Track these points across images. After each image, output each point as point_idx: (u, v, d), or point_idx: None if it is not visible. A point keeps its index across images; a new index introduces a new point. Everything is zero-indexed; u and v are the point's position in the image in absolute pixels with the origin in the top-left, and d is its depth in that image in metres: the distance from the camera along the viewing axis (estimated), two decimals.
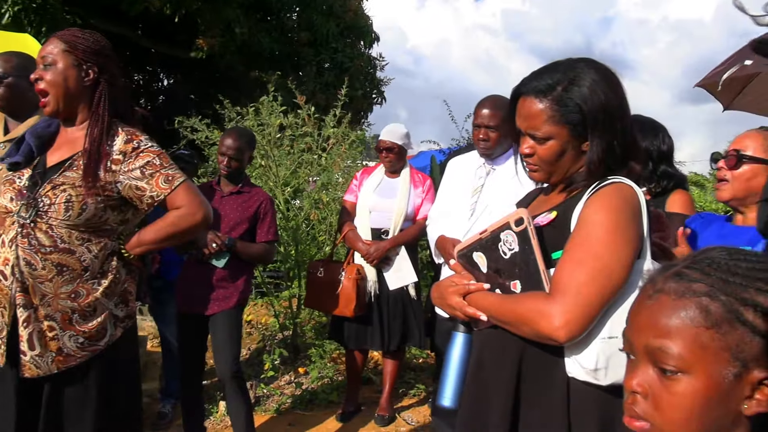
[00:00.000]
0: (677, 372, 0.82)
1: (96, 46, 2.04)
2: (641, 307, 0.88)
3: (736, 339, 0.79)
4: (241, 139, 3.46)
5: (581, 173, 1.52)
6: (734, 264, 0.84)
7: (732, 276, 0.82)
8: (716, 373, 0.80)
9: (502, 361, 1.50)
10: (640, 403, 0.85)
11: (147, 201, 2.01)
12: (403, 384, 4.67)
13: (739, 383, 0.80)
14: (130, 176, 1.98)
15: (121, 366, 2.08)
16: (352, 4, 12.16)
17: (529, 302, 1.41)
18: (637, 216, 1.43)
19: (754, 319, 0.79)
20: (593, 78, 1.48)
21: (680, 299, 0.83)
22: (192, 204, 2.03)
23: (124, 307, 2.07)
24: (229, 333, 3.32)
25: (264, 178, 5.41)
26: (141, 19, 9.91)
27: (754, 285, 0.81)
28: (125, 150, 1.99)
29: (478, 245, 1.57)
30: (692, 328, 0.81)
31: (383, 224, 3.88)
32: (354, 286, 3.73)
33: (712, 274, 0.83)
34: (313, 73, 11.47)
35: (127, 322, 2.08)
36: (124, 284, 2.07)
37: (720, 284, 0.82)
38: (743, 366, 0.79)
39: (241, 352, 5.34)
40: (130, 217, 2.08)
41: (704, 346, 0.80)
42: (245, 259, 3.38)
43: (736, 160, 1.92)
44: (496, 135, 3.08)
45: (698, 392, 0.80)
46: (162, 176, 2.00)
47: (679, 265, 0.88)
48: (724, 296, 0.81)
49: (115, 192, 1.98)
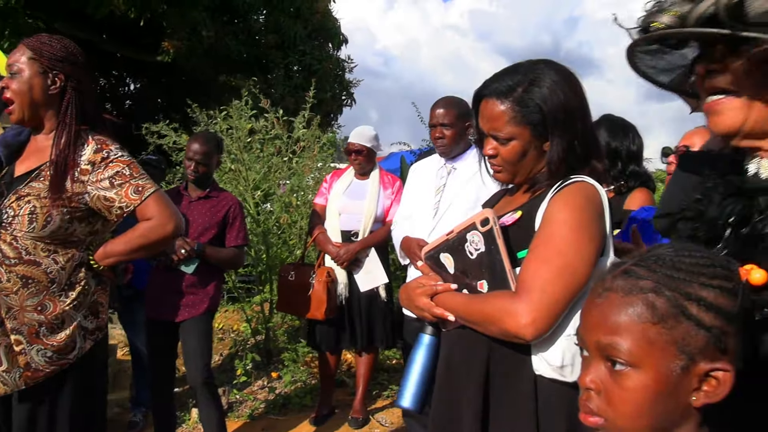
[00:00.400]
0: (627, 367, 0.84)
1: (63, 52, 1.99)
2: (592, 305, 0.90)
3: (681, 333, 0.82)
4: (209, 143, 3.44)
5: (544, 173, 1.54)
6: (679, 260, 0.86)
7: (677, 272, 0.84)
8: (664, 367, 0.82)
9: (471, 361, 1.51)
10: (593, 399, 0.87)
11: (116, 212, 1.96)
12: (377, 386, 4.68)
13: (686, 376, 0.82)
14: (99, 187, 1.93)
15: (91, 379, 2.04)
16: (319, 6, 12.14)
17: (495, 301, 1.43)
18: (599, 214, 1.45)
19: (699, 312, 0.82)
20: (553, 79, 1.50)
21: (628, 296, 0.85)
22: (162, 215, 1.99)
23: (94, 319, 2.03)
24: (199, 339, 3.29)
25: (234, 182, 5.38)
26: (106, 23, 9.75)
27: (697, 280, 0.83)
28: (94, 160, 1.94)
29: (445, 246, 1.58)
30: (639, 324, 0.83)
31: (353, 226, 3.88)
32: (325, 288, 3.73)
33: (657, 271, 0.85)
34: (281, 76, 11.43)
35: (97, 334, 2.04)
36: (94, 296, 2.02)
37: (665, 280, 0.84)
38: (690, 359, 0.82)
39: (213, 358, 5.31)
40: (100, 228, 2.04)
41: (652, 341, 0.82)
42: (215, 264, 3.36)
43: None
44: (451, 132, 3.15)
45: (648, 386, 0.82)
46: (132, 187, 1.96)
47: (627, 263, 0.90)
48: (669, 292, 0.83)
49: (82, 203, 1.94)
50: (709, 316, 0.81)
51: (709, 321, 0.81)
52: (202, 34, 10.02)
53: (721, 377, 0.82)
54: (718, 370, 0.82)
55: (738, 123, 0.94)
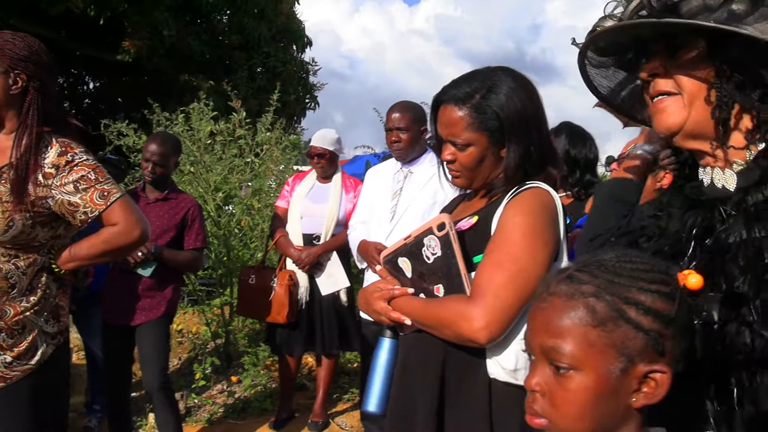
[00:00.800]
0: (569, 369, 0.86)
1: (26, 51, 1.91)
2: (536, 309, 0.92)
3: (620, 336, 0.84)
4: (166, 144, 3.40)
5: (501, 179, 1.57)
6: (620, 265, 0.89)
7: (617, 277, 0.87)
8: (604, 369, 0.84)
9: (427, 364, 1.52)
10: (539, 400, 0.89)
11: (80, 217, 1.91)
12: (337, 389, 4.67)
13: (626, 377, 0.85)
14: (63, 191, 1.87)
15: (53, 384, 1.99)
16: (283, 8, 12.10)
17: (450, 306, 1.45)
18: (553, 219, 1.48)
19: (637, 316, 0.84)
20: (510, 86, 1.52)
21: (570, 300, 0.87)
22: (128, 221, 1.94)
23: (56, 323, 1.98)
24: (155, 344, 3.25)
25: (194, 184, 5.31)
26: (65, 21, 9.57)
27: (636, 285, 0.86)
28: (58, 163, 1.88)
29: (403, 250, 1.59)
30: (580, 327, 0.85)
31: (315, 230, 3.87)
32: (286, 292, 3.71)
33: (599, 276, 0.88)
34: (245, 77, 11.35)
35: (59, 338, 1.99)
36: (55, 299, 1.97)
37: (606, 285, 0.87)
38: (629, 361, 0.84)
39: (172, 361, 5.23)
40: (62, 232, 1.98)
41: (592, 343, 0.85)
42: (173, 267, 3.32)
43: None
44: (407, 136, 3.19)
45: (589, 387, 0.85)
46: (97, 191, 1.90)
47: (571, 268, 0.92)
48: (609, 296, 0.85)
49: (45, 208, 1.88)
50: (647, 320, 0.84)
51: (647, 324, 0.84)
52: (163, 34, 9.89)
53: (659, 379, 0.84)
54: (656, 372, 0.84)
55: (679, 121, 0.97)
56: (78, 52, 11.46)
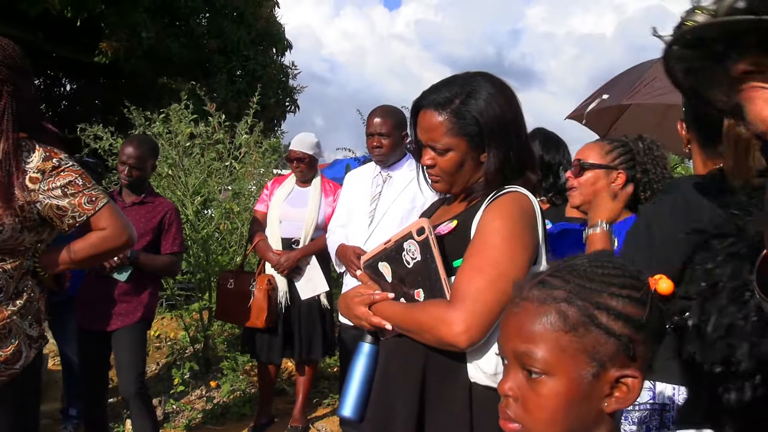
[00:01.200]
0: (542, 374, 0.86)
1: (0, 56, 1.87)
2: (509, 314, 0.93)
3: (592, 341, 0.85)
4: (142, 147, 3.36)
5: (480, 183, 1.57)
6: (592, 271, 0.89)
7: (589, 282, 0.88)
8: (576, 374, 0.85)
9: (407, 368, 1.52)
10: (512, 405, 0.90)
11: (68, 221, 1.92)
12: (317, 394, 4.65)
13: (598, 382, 0.85)
14: (51, 195, 1.87)
15: (32, 389, 1.98)
16: (263, 12, 12.06)
17: (430, 310, 1.44)
18: (532, 223, 1.49)
19: (608, 321, 0.85)
20: (489, 91, 1.53)
21: (542, 306, 0.88)
22: (116, 226, 1.97)
23: (38, 327, 1.96)
24: (131, 349, 3.21)
25: (172, 187, 5.27)
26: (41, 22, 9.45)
27: (608, 290, 0.87)
28: (44, 168, 1.87)
29: (383, 255, 1.59)
30: (552, 332, 0.86)
31: (294, 234, 3.85)
32: (265, 296, 3.69)
33: (571, 281, 0.88)
34: (224, 80, 11.29)
35: (40, 342, 1.97)
36: (38, 303, 1.96)
37: (577, 290, 0.87)
38: (600, 366, 0.85)
39: (150, 367, 5.18)
40: (46, 237, 1.98)
41: (563, 348, 0.85)
42: (149, 271, 3.28)
43: (579, 169, 2.13)
44: (389, 141, 3.20)
45: (561, 392, 0.85)
46: (85, 197, 1.92)
47: (543, 273, 0.93)
48: (581, 301, 0.86)
49: (34, 212, 1.87)
50: (618, 325, 0.85)
51: (618, 329, 0.85)
52: (141, 36, 9.80)
53: (630, 383, 0.85)
54: (627, 377, 0.85)
55: None
56: (55, 54, 11.32)
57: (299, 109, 13.29)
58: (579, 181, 2.13)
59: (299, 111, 13.34)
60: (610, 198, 2.00)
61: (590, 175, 2.11)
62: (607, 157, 2.11)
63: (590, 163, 2.12)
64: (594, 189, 2.09)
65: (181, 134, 5.35)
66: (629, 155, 2.10)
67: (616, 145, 2.13)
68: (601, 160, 2.11)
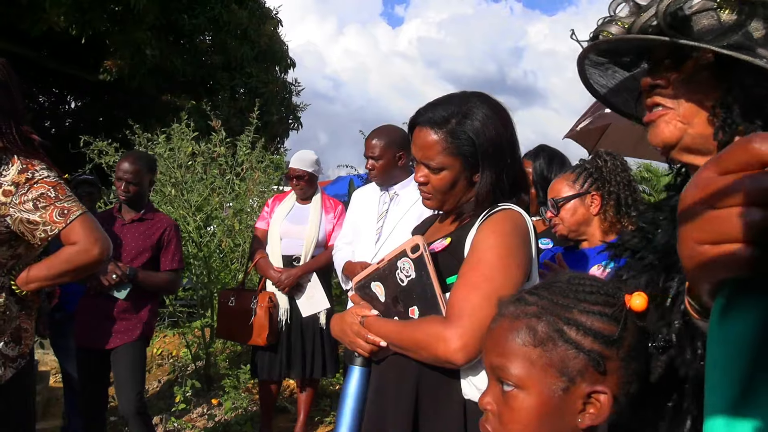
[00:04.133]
0: (514, 388, 0.88)
1: None
2: (489, 330, 0.95)
3: (560, 355, 0.86)
4: (138, 162, 3.35)
5: (471, 202, 1.58)
6: (567, 287, 0.91)
7: (562, 298, 0.89)
8: (546, 388, 0.86)
9: (400, 386, 1.51)
10: (490, 419, 0.91)
11: (40, 235, 1.86)
12: (319, 412, 4.62)
13: (569, 397, 0.86)
14: (21, 209, 1.83)
15: (13, 408, 1.92)
16: (266, 29, 12.13)
17: (426, 327, 1.44)
18: (526, 240, 1.49)
19: (577, 336, 0.86)
20: (485, 113, 1.54)
21: (515, 321, 0.90)
22: (88, 239, 1.88)
23: (16, 345, 1.92)
24: (131, 368, 3.20)
25: (175, 204, 5.27)
26: (47, 40, 9.53)
27: (579, 306, 0.88)
28: (18, 181, 1.84)
29: (376, 275, 1.58)
30: (522, 347, 0.88)
31: (295, 251, 3.85)
32: (266, 314, 3.67)
33: (544, 297, 0.90)
34: (227, 97, 11.35)
35: (20, 361, 1.93)
36: (16, 321, 1.92)
37: (548, 306, 0.89)
38: (570, 381, 0.85)
39: (152, 384, 5.17)
40: (22, 252, 1.93)
41: (533, 362, 0.87)
42: (148, 289, 3.28)
43: (556, 208, 2.22)
44: (381, 164, 3.21)
45: (532, 406, 0.86)
46: (57, 209, 1.85)
47: (522, 290, 0.96)
48: (550, 316, 0.88)
49: (3, 227, 1.84)
50: (587, 340, 0.85)
51: (587, 345, 0.85)
52: (146, 54, 9.87)
53: (602, 400, 0.85)
54: (598, 393, 0.85)
55: (675, 135, 0.93)
56: (59, 72, 11.40)
57: (302, 127, 13.35)
58: (560, 217, 2.22)
59: (302, 128, 13.41)
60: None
61: (568, 207, 2.20)
62: (575, 186, 2.20)
63: (563, 198, 2.20)
64: (575, 219, 2.19)
65: (183, 152, 5.36)
66: (594, 176, 2.19)
67: (579, 171, 2.22)
68: (571, 190, 2.20)
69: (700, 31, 0.83)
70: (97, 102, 12.83)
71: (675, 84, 0.92)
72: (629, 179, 2.19)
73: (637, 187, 2.27)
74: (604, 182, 2.16)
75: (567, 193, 2.20)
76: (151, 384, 5.27)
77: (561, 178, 2.27)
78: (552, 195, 2.25)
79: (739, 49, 0.80)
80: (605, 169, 2.18)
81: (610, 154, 2.23)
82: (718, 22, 0.82)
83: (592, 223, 2.17)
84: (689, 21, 0.83)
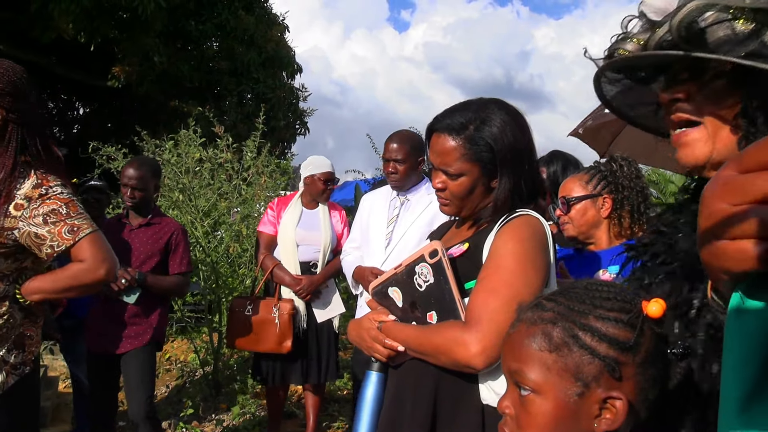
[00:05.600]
0: (531, 392, 0.89)
1: (2, 84, 1.85)
2: (507, 335, 0.96)
3: (575, 361, 0.86)
4: (143, 167, 3.36)
5: (488, 208, 1.58)
6: (584, 293, 0.91)
7: (578, 304, 0.89)
8: (561, 393, 0.87)
9: (418, 391, 1.51)
10: (509, 422, 0.92)
11: (46, 251, 1.86)
12: (327, 417, 4.61)
13: (585, 402, 0.86)
14: (31, 223, 1.83)
15: (16, 415, 1.91)
16: (273, 35, 12.17)
17: (445, 332, 1.44)
18: (544, 245, 1.49)
19: (592, 342, 0.86)
20: (503, 119, 1.54)
21: (532, 327, 0.91)
22: (95, 258, 1.89)
23: (20, 353, 1.91)
24: (141, 372, 3.20)
25: (183, 209, 5.28)
26: (55, 47, 9.58)
27: (595, 312, 0.88)
28: (31, 195, 1.84)
29: (393, 280, 1.58)
30: (539, 352, 0.89)
31: (312, 257, 3.82)
32: (291, 322, 3.65)
33: (561, 303, 0.91)
34: (234, 103, 11.38)
35: (22, 369, 1.92)
36: (20, 328, 1.92)
37: (565, 311, 0.89)
38: (585, 386, 0.86)
39: (160, 389, 5.16)
40: (29, 265, 1.94)
41: (549, 368, 0.88)
42: (158, 293, 3.28)
43: (566, 206, 2.21)
44: (404, 167, 3.22)
45: (548, 411, 0.87)
46: (66, 226, 1.86)
47: (541, 296, 0.96)
48: (567, 322, 0.88)
49: (11, 239, 1.84)
50: (602, 346, 0.86)
51: (602, 350, 0.86)
52: (153, 60, 9.91)
53: (617, 405, 0.85)
54: (614, 399, 0.85)
55: (705, 154, 0.92)
56: (68, 78, 11.45)
57: (309, 132, 13.37)
58: (569, 216, 2.21)
59: (309, 133, 13.42)
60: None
61: (578, 207, 2.19)
62: (588, 187, 2.20)
63: (575, 197, 2.20)
64: (585, 219, 2.19)
65: (190, 158, 5.37)
66: (608, 179, 2.19)
67: (593, 173, 2.23)
68: (583, 191, 2.20)
69: (716, 43, 0.82)
70: (106, 108, 12.87)
71: (695, 97, 0.91)
72: (643, 186, 2.19)
73: (650, 194, 2.26)
74: (618, 186, 2.16)
75: (578, 193, 2.20)
76: (159, 389, 5.27)
77: (573, 178, 2.27)
78: (563, 193, 2.24)
79: (757, 57, 0.80)
80: (620, 174, 2.18)
81: (625, 160, 2.23)
82: (734, 33, 0.81)
83: (601, 226, 2.17)
84: (704, 33, 0.83)
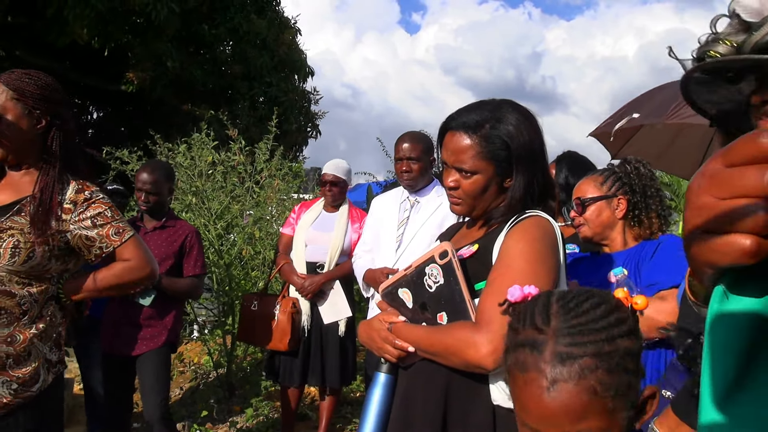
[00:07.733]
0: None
1: (46, 91, 1.95)
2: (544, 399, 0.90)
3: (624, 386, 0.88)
4: (156, 172, 3.39)
5: (500, 209, 1.59)
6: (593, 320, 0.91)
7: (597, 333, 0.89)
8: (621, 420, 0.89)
9: (429, 392, 1.51)
10: None
11: (95, 252, 1.97)
12: (340, 419, 4.61)
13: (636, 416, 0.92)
14: (81, 226, 1.93)
15: (49, 413, 1.98)
16: (285, 39, 12.23)
17: (456, 332, 1.44)
18: (554, 247, 1.49)
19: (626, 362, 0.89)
20: (518, 118, 1.55)
21: (580, 382, 0.87)
22: (141, 258, 2.02)
23: (57, 351, 1.99)
24: (156, 374, 3.22)
25: (196, 212, 5.32)
26: (69, 52, 9.68)
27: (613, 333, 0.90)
28: (76, 200, 1.94)
29: (403, 281, 1.59)
30: (600, 401, 0.87)
31: (319, 258, 3.85)
32: (289, 319, 3.68)
33: (587, 344, 0.89)
34: (246, 107, 11.44)
35: (58, 367, 2.00)
36: (59, 328, 2.00)
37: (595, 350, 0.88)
38: (633, 406, 0.90)
39: (174, 391, 5.19)
40: (72, 266, 2.03)
41: (610, 410, 0.87)
42: (172, 295, 3.31)
43: (581, 207, 2.21)
44: (418, 166, 3.23)
45: None
46: (113, 228, 1.98)
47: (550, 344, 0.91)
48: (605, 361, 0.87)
49: (63, 242, 1.93)
50: (632, 363, 0.89)
51: (632, 366, 0.89)
52: (167, 65, 9.99)
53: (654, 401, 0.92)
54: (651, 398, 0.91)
55: None
56: (82, 83, 11.56)
57: (321, 135, 13.41)
58: (585, 217, 2.21)
59: (321, 136, 13.47)
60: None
61: (593, 208, 2.19)
62: (603, 188, 2.19)
63: (590, 198, 2.20)
64: (600, 221, 2.18)
65: (203, 161, 5.41)
66: (622, 180, 2.19)
67: (608, 174, 2.22)
68: (598, 192, 2.19)
69: None
70: (119, 112, 12.99)
71: None
72: (657, 188, 2.19)
73: (664, 195, 2.26)
74: (632, 188, 2.16)
75: (593, 194, 2.20)
76: (173, 391, 5.30)
77: (588, 179, 2.27)
78: (578, 195, 2.24)
79: None
80: (634, 175, 2.18)
81: (639, 162, 2.23)
82: None
83: (616, 228, 2.16)
84: None
